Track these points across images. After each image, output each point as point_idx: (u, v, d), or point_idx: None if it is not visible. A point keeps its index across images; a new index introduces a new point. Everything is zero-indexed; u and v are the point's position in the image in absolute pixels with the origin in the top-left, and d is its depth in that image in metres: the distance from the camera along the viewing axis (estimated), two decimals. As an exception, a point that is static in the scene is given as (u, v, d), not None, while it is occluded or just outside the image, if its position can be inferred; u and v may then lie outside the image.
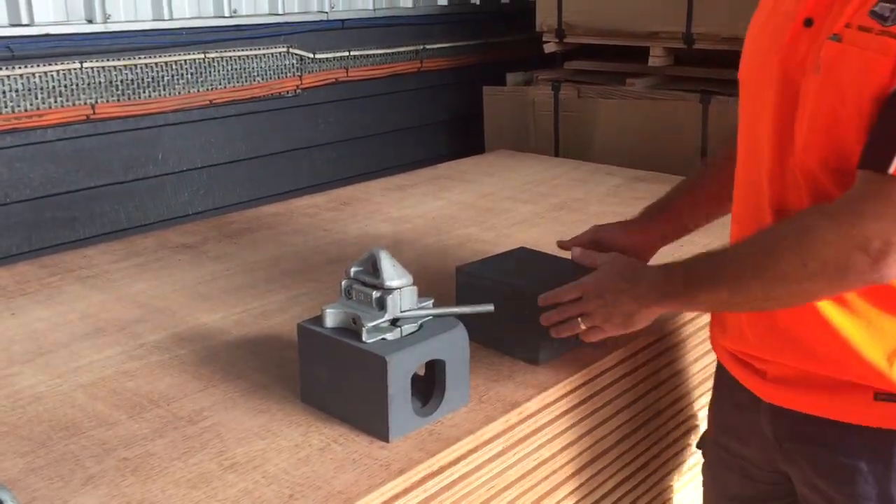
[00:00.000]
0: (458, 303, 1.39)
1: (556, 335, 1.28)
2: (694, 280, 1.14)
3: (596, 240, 1.43)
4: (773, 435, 1.22)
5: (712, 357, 1.44)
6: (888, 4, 0.98)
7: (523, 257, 1.50)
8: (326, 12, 3.27)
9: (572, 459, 1.36)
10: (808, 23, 1.06)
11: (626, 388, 1.45)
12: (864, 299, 1.07)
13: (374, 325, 1.12)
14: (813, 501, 1.21)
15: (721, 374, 1.34)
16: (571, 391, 1.32)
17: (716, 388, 1.39)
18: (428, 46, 3.69)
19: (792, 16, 1.08)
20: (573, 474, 1.37)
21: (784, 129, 1.09)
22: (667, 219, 1.44)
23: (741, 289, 1.09)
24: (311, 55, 3.22)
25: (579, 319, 1.24)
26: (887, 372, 1.07)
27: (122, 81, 2.72)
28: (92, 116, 2.67)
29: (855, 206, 0.98)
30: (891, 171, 0.95)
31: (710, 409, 1.42)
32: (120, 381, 1.31)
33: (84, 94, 2.64)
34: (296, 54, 3.18)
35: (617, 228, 1.45)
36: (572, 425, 1.34)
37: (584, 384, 1.34)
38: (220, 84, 2.98)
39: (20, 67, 2.49)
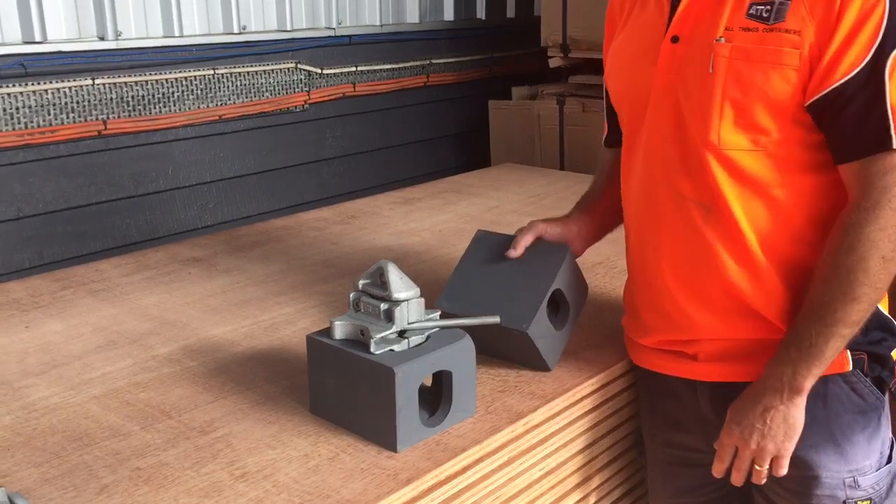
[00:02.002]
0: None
1: (756, 480, 1.24)
2: (816, 344, 1.14)
3: (539, 236, 1.43)
4: (713, 414, 1.29)
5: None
6: (762, 6, 1.14)
7: (486, 264, 1.41)
8: (334, 28, 3.31)
9: (578, 469, 1.37)
10: (675, 39, 1.21)
11: (632, 399, 1.46)
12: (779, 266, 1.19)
13: (381, 337, 1.14)
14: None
15: (646, 378, 1.38)
16: (577, 402, 1.33)
17: (645, 392, 1.43)
18: (434, 61, 3.72)
19: (656, 39, 1.23)
20: (579, 484, 1.38)
21: (681, 129, 1.21)
22: (593, 216, 1.48)
23: (854, 311, 1.12)
24: (319, 70, 3.26)
25: (756, 466, 1.22)
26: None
27: (133, 97, 2.75)
28: (103, 132, 2.70)
29: (884, 189, 1.09)
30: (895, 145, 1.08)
31: (644, 415, 1.45)
32: (132, 392, 1.33)
33: (96, 109, 2.67)
34: (304, 70, 3.21)
35: (556, 224, 1.45)
36: (578, 435, 1.35)
37: (589, 395, 1.36)
38: (229, 99, 3.01)
39: (33, 84, 2.52)
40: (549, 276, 1.35)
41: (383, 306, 1.16)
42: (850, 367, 1.20)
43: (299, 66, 3.20)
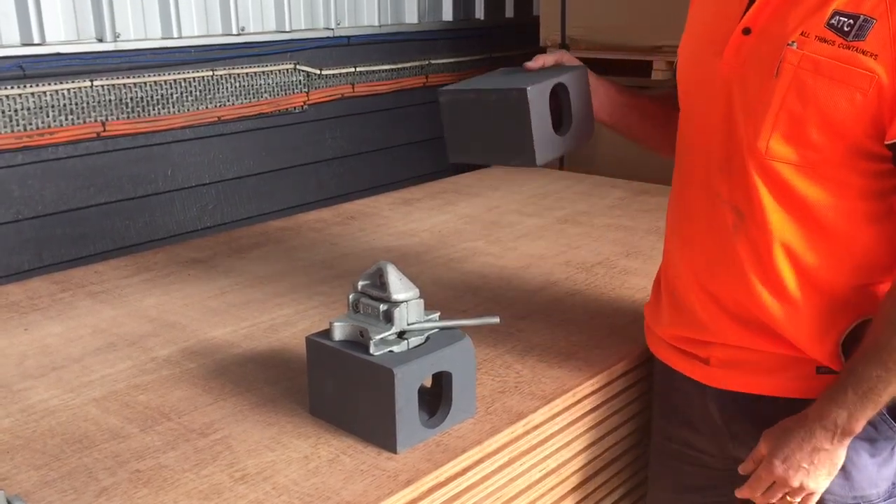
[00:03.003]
0: (446, 126, 1.39)
1: None
2: (877, 387, 1.10)
3: (559, 62, 1.41)
4: (721, 419, 1.27)
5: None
6: (845, 19, 1.06)
7: (498, 76, 1.43)
8: (332, 29, 3.31)
9: (578, 470, 1.37)
10: (747, 32, 1.15)
11: (633, 399, 1.46)
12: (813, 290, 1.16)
13: (381, 338, 1.14)
14: None
15: (661, 369, 1.37)
16: (577, 402, 1.33)
17: (658, 382, 1.42)
18: (433, 61, 3.72)
19: (730, 27, 1.17)
20: (579, 485, 1.38)
21: (730, 127, 1.17)
22: (622, 97, 1.44)
23: None
24: (317, 71, 3.26)
25: (788, 498, 1.19)
26: (819, 349, 1.16)
27: (131, 99, 2.75)
28: (102, 134, 2.70)
29: None
30: None
31: (655, 405, 1.44)
32: (132, 394, 1.32)
33: (94, 111, 2.67)
34: (303, 71, 3.21)
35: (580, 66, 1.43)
36: (578, 436, 1.35)
37: (589, 395, 1.35)
38: (228, 101, 3.01)
39: (32, 86, 2.52)
40: (555, 73, 1.33)
41: (382, 307, 1.16)
42: None
43: (298, 66, 3.19)
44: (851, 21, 1.05)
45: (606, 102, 1.41)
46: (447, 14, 3.78)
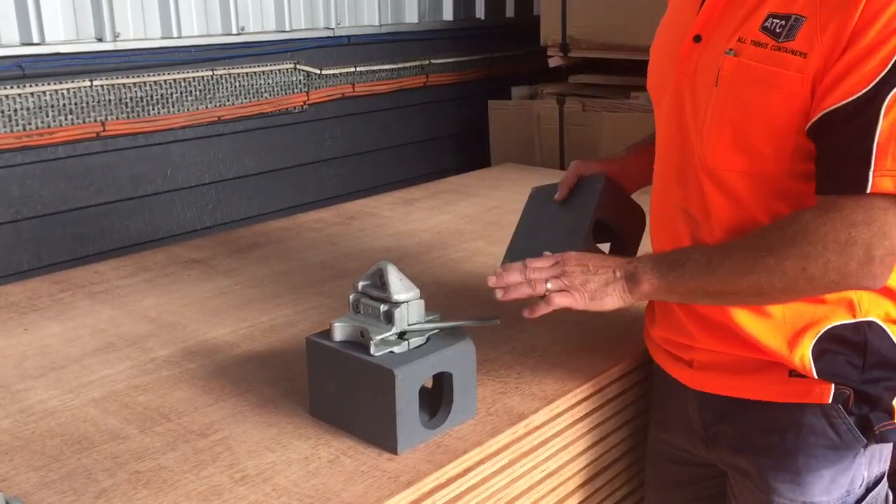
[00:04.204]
0: None
1: (504, 298, 1.18)
2: (688, 267, 1.11)
3: (579, 175, 1.45)
4: (700, 421, 1.28)
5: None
6: (778, 20, 1.05)
7: (539, 215, 1.48)
8: (333, 28, 3.31)
9: (579, 471, 1.36)
10: (697, 39, 1.14)
11: (634, 399, 1.45)
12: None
13: (381, 339, 1.14)
14: (735, 479, 1.26)
15: (656, 368, 1.38)
16: (578, 403, 1.33)
17: (654, 381, 1.42)
18: (433, 61, 3.72)
19: (683, 33, 1.16)
20: (580, 486, 1.38)
21: (683, 136, 1.17)
22: (640, 156, 1.45)
23: (737, 281, 1.08)
24: (317, 71, 3.25)
25: (547, 283, 1.16)
26: (787, 354, 1.14)
27: (131, 99, 2.75)
28: (102, 133, 2.70)
29: (847, 237, 1.02)
30: (869, 190, 1.00)
31: (649, 402, 1.44)
32: (131, 395, 1.32)
33: (94, 111, 2.67)
34: (303, 70, 3.21)
35: (598, 164, 1.46)
36: (579, 437, 1.35)
37: (590, 396, 1.35)
38: (228, 100, 3.01)
39: (31, 86, 2.52)
40: (588, 208, 1.39)
41: (383, 308, 1.16)
42: (830, 400, 1.14)
43: (298, 66, 3.19)
44: (783, 22, 1.04)
45: (637, 173, 1.44)
46: (447, 14, 3.78)
